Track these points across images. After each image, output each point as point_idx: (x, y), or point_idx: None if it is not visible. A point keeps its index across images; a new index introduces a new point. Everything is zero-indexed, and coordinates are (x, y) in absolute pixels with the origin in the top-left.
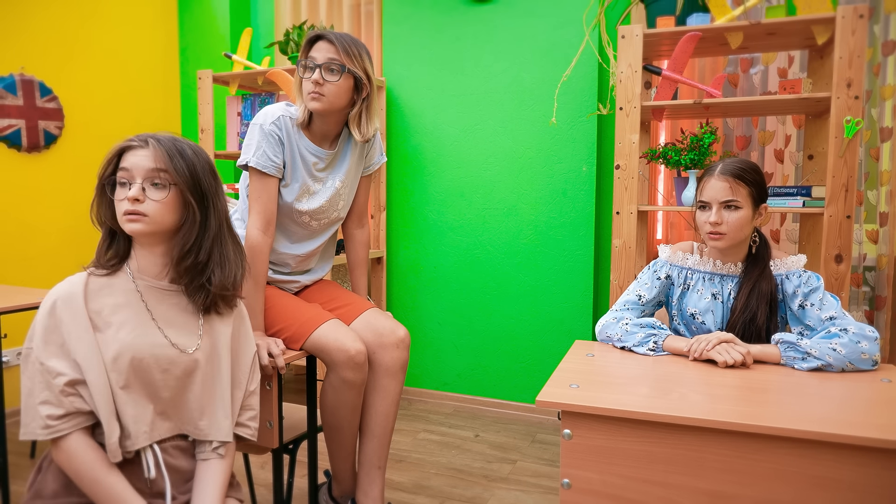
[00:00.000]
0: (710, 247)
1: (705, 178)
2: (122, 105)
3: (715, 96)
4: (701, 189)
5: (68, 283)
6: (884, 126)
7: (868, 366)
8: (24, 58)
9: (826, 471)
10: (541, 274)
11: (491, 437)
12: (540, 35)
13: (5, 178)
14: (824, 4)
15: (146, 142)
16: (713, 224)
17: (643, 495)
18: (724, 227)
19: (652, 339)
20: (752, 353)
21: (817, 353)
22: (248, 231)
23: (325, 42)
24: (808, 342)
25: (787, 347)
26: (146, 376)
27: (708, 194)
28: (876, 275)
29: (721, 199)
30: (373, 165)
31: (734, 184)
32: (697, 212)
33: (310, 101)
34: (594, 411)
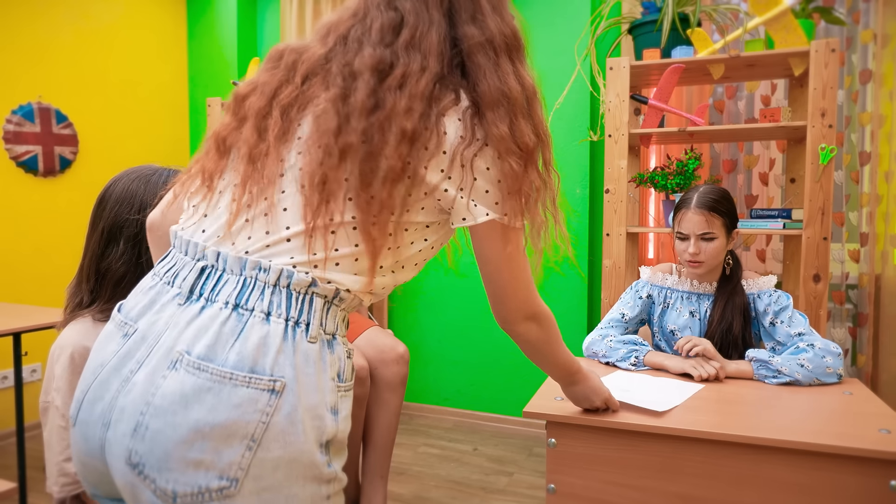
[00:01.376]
0: (690, 274)
1: (682, 211)
2: (134, 131)
3: (699, 124)
4: (678, 221)
5: (77, 333)
6: (863, 150)
7: (833, 379)
8: (42, 87)
9: (787, 475)
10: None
11: (489, 450)
12: (534, 64)
13: (23, 201)
14: (800, 39)
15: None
16: (692, 255)
17: (621, 498)
18: (702, 255)
19: (634, 355)
20: (727, 370)
21: (787, 370)
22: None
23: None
24: (778, 360)
25: (759, 366)
26: None
27: (685, 227)
28: (858, 293)
29: (698, 231)
30: None
31: (709, 216)
32: (676, 241)
33: None
34: (576, 421)
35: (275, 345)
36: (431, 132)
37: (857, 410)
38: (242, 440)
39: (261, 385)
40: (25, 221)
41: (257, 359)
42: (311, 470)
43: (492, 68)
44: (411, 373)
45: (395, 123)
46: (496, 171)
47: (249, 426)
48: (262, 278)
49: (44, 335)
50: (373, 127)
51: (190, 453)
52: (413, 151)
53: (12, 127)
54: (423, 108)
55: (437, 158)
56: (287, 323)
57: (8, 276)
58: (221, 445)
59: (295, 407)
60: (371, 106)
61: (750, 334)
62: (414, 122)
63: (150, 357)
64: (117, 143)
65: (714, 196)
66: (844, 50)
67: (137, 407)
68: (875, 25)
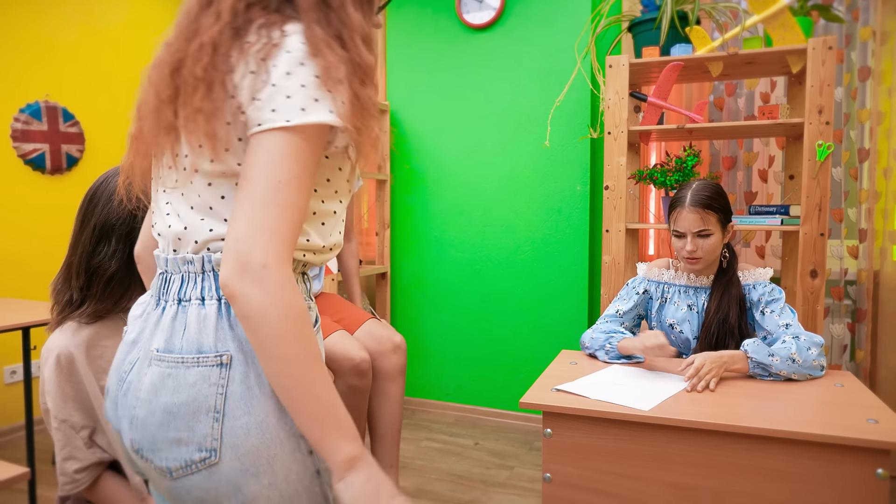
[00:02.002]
0: (688, 269)
1: (677, 210)
2: None
3: (697, 121)
4: (674, 219)
5: (64, 337)
6: (862, 147)
7: (818, 373)
8: (49, 86)
9: (777, 464)
10: (538, 288)
11: (490, 444)
12: (535, 62)
13: (30, 198)
14: (797, 36)
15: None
16: (690, 252)
17: (616, 487)
18: (699, 252)
19: (608, 342)
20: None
21: (785, 373)
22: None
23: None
24: (776, 363)
25: (755, 365)
26: None
27: (682, 225)
28: (857, 288)
29: (694, 229)
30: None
31: (704, 214)
32: (673, 238)
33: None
34: (572, 412)
35: (212, 324)
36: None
37: (847, 401)
38: (208, 413)
39: (209, 362)
40: (33, 219)
41: (201, 340)
42: (283, 430)
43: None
44: (413, 368)
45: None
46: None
47: (209, 399)
48: (191, 269)
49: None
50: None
51: (169, 433)
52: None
53: (20, 125)
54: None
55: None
56: (220, 301)
57: (16, 273)
58: (192, 421)
59: (246, 374)
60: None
61: (746, 324)
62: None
63: (139, 358)
64: (123, 141)
65: (708, 193)
66: (843, 47)
67: (130, 402)
68: (874, 23)
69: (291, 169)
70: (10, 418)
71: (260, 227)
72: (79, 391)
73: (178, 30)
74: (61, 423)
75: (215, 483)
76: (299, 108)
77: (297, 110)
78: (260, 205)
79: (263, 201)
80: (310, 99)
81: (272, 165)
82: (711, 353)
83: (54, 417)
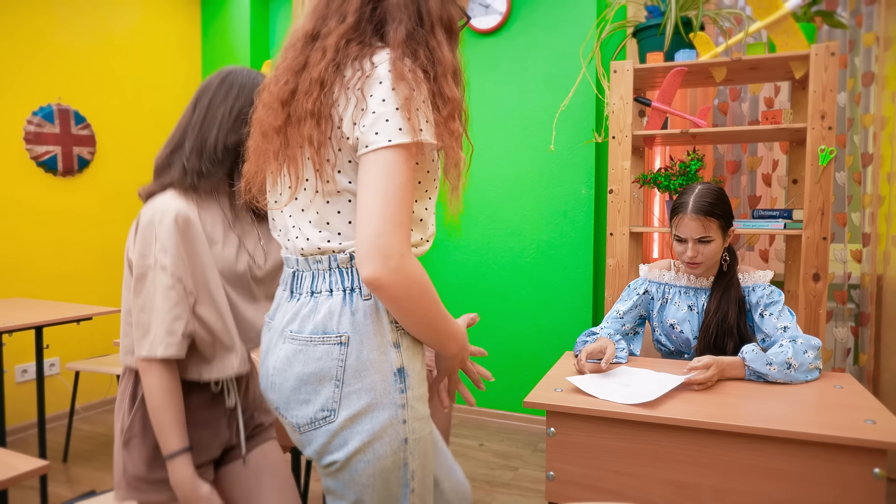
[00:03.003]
0: (689, 272)
1: (679, 216)
2: (149, 131)
3: (701, 126)
4: (676, 225)
5: (174, 200)
6: (866, 152)
7: (814, 375)
8: (61, 89)
9: (776, 463)
10: (543, 291)
11: (494, 446)
12: (541, 66)
13: (42, 200)
14: (800, 42)
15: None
16: (691, 258)
17: (618, 485)
18: (699, 258)
19: (580, 347)
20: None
21: (782, 380)
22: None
23: None
24: (773, 372)
25: (750, 373)
26: (248, 291)
27: (683, 232)
28: (860, 292)
29: (695, 236)
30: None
31: (706, 221)
32: (675, 243)
33: None
34: (575, 411)
35: (337, 311)
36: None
37: (846, 402)
38: (331, 381)
39: (332, 341)
40: (45, 219)
41: (327, 324)
42: (386, 397)
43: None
44: None
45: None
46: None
47: (332, 370)
48: (320, 268)
49: (64, 329)
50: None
51: (299, 396)
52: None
53: (33, 128)
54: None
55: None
56: (344, 292)
57: (28, 272)
58: (318, 387)
59: (360, 350)
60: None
61: (745, 324)
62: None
63: (274, 338)
64: (133, 143)
65: (709, 199)
66: (847, 52)
67: (268, 370)
68: (878, 28)
69: (401, 175)
70: (21, 416)
71: (392, 223)
72: (191, 256)
73: (285, 61)
74: (177, 282)
75: (330, 437)
76: (397, 128)
77: (396, 131)
78: (387, 205)
79: (389, 202)
80: (404, 120)
81: (387, 175)
82: (715, 357)
83: (171, 275)
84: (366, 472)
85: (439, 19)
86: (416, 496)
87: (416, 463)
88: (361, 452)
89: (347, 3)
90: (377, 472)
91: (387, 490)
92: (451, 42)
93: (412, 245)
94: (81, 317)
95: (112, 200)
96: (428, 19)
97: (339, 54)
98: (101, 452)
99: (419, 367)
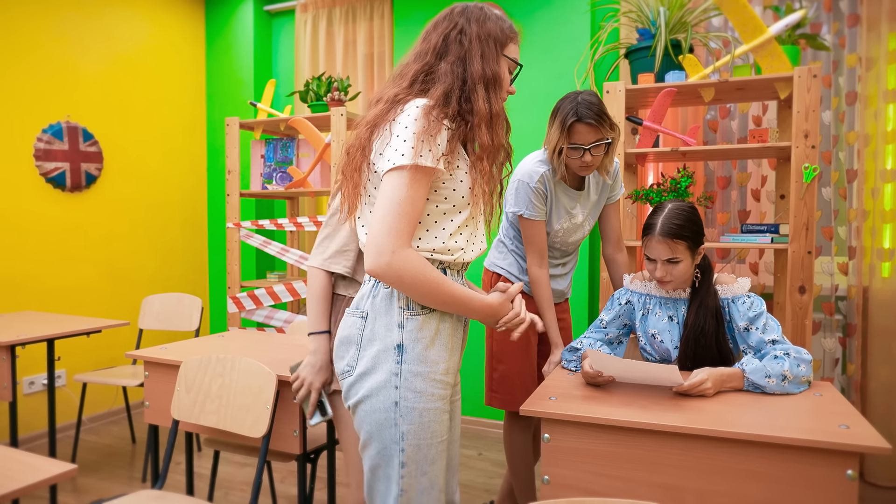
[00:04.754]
0: (662, 288)
1: (647, 237)
2: (155, 148)
3: (691, 144)
4: (645, 245)
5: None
6: (850, 168)
7: (805, 388)
8: (70, 107)
9: (757, 466)
10: None
11: (493, 455)
12: (536, 86)
13: (51, 215)
14: (784, 65)
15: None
16: (660, 278)
17: (609, 488)
18: (668, 277)
19: (570, 363)
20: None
21: (779, 392)
22: (529, 267)
23: (585, 126)
24: (771, 384)
25: (748, 383)
26: None
27: (652, 253)
28: (847, 304)
29: (663, 257)
30: (614, 196)
31: (672, 243)
32: (646, 261)
33: (580, 171)
34: (569, 418)
35: (366, 294)
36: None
37: (824, 409)
38: (353, 344)
39: (357, 315)
40: (53, 234)
41: (359, 303)
42: (384, 364)
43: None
44: None
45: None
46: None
47: (354, 336)
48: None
49: (70, 341)
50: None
51: (339, 352)
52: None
53: (42, 145)
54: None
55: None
56: (373, 282)
57: (37, 286)
58: (346, 347)
59: (374, 325)
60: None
61: (724, 335)
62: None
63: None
64: (139, 159)
65: (677, 222)
66: (831, 73)
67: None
68: (860, 50)
69: (400, 192)
70: (28, 428)
71: (387, 228)
72: None
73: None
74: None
75: (349, 387)
76: (400, 154)
77: (399, 156)
78: (385, 215)
79: (387, 213)
80: (408, 147)
81: (389, 192)
82: (714, 370)
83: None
84: (366, 419)
85: (481, 78)
86: (409, 458)
87: (408, 428)
88: (363, 402)
89: (407, 68)
90: (374, 421)
91: (381, 442)
92: (492, 94)
93: (440, 251)
94: (92, 329)
95: (118, 215)
96: (471, 80)
97: (390, 104)
98: (107, 463)
99: (421, 349)
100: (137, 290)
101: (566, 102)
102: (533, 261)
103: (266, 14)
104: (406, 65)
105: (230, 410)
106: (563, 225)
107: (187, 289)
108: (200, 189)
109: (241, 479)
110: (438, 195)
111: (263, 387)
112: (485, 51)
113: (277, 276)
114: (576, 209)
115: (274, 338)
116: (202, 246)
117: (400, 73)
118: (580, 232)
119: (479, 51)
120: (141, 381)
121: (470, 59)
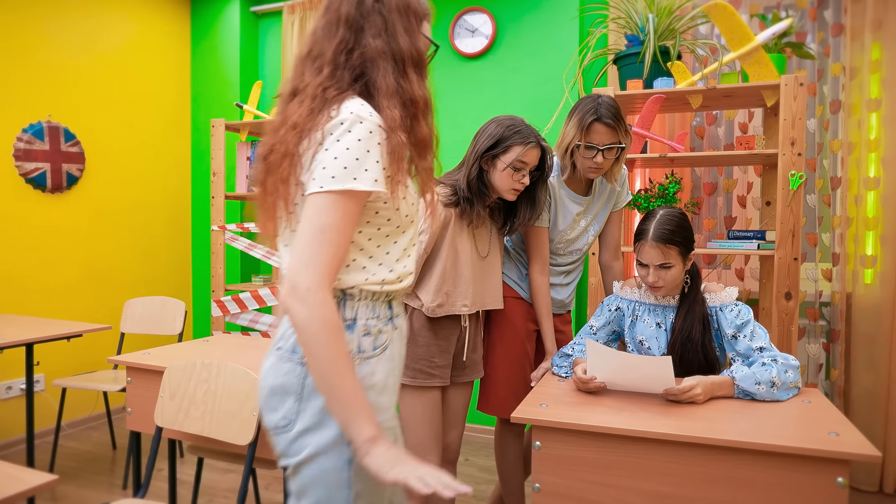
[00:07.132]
0: (653, 294)
1: (640, 242)
2: (138, 149)
3: (678, 150)
4: (638, 250)
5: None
6: (834, 175)
7: (794, 393)
8: (51, 106)
9: (748, 473)
10: None
11: (480, 461)
12: (525, 90)
13: (31, 216)
14: (771, 73)
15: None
16: (651, 282)
17: (600, 496)
18: (660, 282)
19: (561, 369)
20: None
21: (768, 399)
22: (530, 273)
23: (603, 126)
24: (761, 391)
25: (739, 391)
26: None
27: (644, 258)
28: (831, 310)
29: (656, 262)
30: (620, 203)
31: (665, 248)
32: (637, 266)
33: (589, 172)
34: (560, 426)
35: None
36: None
37: (813, 416)
38: (292, 394)
39: (296, 360)
40: (33, 235)
41: (296, 345)
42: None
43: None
44: None
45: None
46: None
47: (292, 386)
48: None
49: (49, 345)
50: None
51: (270, 403)
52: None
53: (23, 145)
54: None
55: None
56: None
57: (16, 288)
58: (279, 398)
59: None
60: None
61: (710, 342)
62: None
63: (270, 349)
64: (122, 160)
65: (669, 227)
66: (816, 81)
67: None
68: (844, 59)
69: (325, 218)
70: (5, 434)
71: (306, 259)
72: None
73: (277, 115)
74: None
75: (287, 443)
76: (329, 175)
77: (328, 178)
78: (306, 245)
79: (309, 241)
80: (339, 167)
81: (313, 216)
82: (704, 378)
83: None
84: (316, 481)
85: (410, 58)
86: None
87: (363, 487)
88: (308, 463)
89: (319, 47)
90: (322, 484)
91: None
92: (421, 77)
93: (389, 281)
94: (72, 333)
95: (100, 217)
96: (401, 61)
97: (319, 102)
98: (86, 470)
99: (374, 396)
100: (119, 293)
101: (587, 101)
102: (534, 267)
103: (253, 15)
104: (316, 42)
105: (216, 417)
106: (566, 230)
107: (170, 292)
108: (184, 191)
109: (224, 486)
110: (380, 217)
111: (250, 393)
112: (406, 25)
113: (263, 280)
114: (580, 214)
115: (259, 342)
116: (186, 248)
117: (313, 54)
118: (584, 238)
119: (402, 24)
120: (122, 386)
121: (393, 33)
